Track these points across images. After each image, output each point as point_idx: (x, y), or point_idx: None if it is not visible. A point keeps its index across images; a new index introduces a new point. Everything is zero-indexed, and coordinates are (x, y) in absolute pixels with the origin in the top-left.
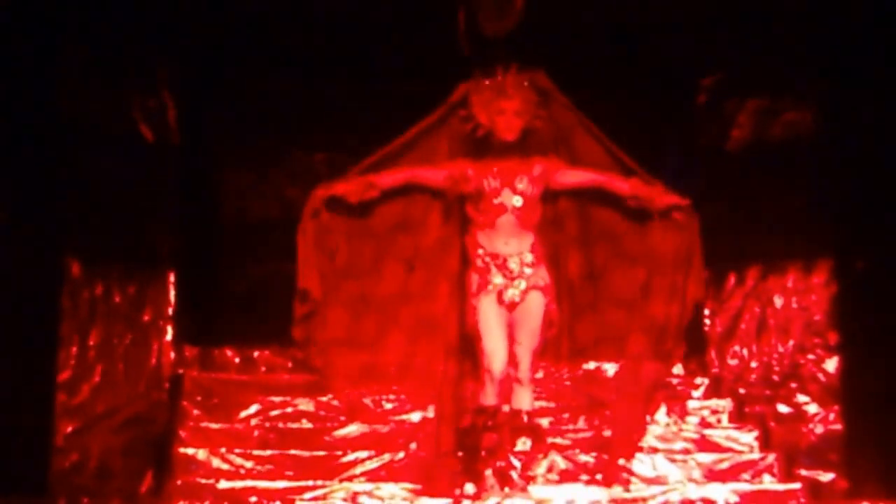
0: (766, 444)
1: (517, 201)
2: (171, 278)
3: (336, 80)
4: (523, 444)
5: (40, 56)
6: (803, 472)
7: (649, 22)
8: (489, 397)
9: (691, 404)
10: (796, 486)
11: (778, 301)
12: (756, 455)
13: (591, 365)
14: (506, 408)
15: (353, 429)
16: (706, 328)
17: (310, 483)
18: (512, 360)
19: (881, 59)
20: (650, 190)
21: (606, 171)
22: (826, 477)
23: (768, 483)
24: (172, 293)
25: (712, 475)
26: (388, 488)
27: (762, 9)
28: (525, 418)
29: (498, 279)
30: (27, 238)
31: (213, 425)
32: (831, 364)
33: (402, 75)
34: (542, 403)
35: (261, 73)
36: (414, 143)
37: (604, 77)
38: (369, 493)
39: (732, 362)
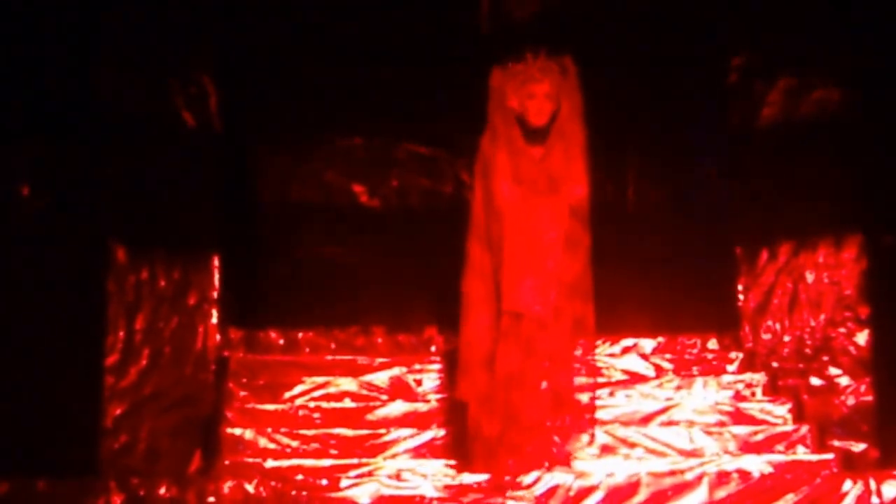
0: (799, 416)
1: None
2: (216, 262)
3: (375, 64)
4: (564, 419)
5: (82, 41)
6: (836, 443)
7: (679, 1)
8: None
9: (726, 378)
10: (829, 456)
11: (809, 276)
12: (790, 427)
13: (630, 341)
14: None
15: (395, 407)
16: (740, 304)
17: (354, 461)
18: None
19: None
20: None
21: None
22: (858, 447)
23: (802, 454)
24: (217, 277)
25: (747, 447)
26: (431, 465)
27: None
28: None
29: None
30: (72, 225)
31: (260, 406)
32: (862, 337)
33: (438, 59)
34: (582, 379)
35: (300, 58)
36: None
37: (634, 57)
38: (413, 470)
39: (766, 337)
